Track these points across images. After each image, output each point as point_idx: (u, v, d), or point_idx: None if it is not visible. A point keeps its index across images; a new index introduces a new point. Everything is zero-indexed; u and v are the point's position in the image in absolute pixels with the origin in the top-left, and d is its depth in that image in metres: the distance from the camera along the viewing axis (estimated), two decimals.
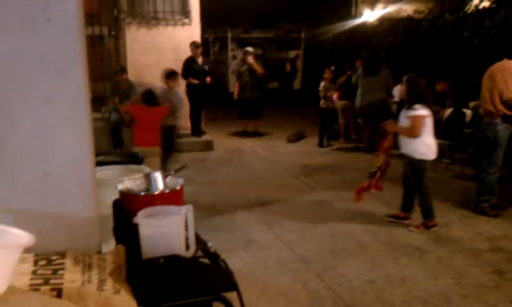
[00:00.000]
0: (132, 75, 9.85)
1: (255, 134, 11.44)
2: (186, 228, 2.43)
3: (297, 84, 17.47)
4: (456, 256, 4.86)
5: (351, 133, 10.55)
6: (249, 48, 11.67)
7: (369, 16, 16.71)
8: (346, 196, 6.78)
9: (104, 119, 9.43)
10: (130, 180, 2.78)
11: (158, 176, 2.70)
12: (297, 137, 11.04)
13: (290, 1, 20.33)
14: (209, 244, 2.51)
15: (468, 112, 8.14)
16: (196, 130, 10.28)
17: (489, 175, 5.92)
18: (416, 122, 5.29)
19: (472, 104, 8.54)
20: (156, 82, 10.39)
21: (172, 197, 2.59)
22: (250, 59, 11.19)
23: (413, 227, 5.59)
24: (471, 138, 8.03)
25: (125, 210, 2.59)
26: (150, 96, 6.97)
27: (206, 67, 10.53)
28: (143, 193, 2.60)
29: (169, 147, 7.33)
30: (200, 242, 2.56)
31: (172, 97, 7.55)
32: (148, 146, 6.52)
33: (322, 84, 10.35)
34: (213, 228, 5.66)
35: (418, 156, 5.42)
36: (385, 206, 6.29)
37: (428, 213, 5.56)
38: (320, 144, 10.30)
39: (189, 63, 10.15)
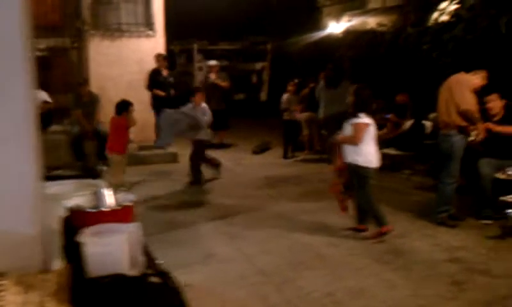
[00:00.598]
0: (95, 87, 9.74)
1: (221, 146, 11.39)
2: (135, 246, 2.40)
3: (263, 96, 17.53)
4: (413, 267, 4.91)
5: (315, 144, 10.62)
6: (213, 62, 11.66)
7: (334, 28, 16.91)
8: (309, 207, 6.85)
9: (66, 132, 9.29)
10: (80, 196, 2.75)
11: (108, 192, 2.67)
12: (262, 149, 11.07)
13: (257, 13, 20.43)
14: (159, 261, 2.48)
15: (428, 124, 8.28)
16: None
17: (447, 186, 6.02)
18: (358, 129, 5.46)
19: (431, 116, 8.70)
20: (120, 94, 10.35)
21: (122, 214, 2.56)
22: (212, 76, 11.23)
23: (370, 237, 5.64)
24: (431, 149, 8.18)
25: (74, 227, 2.55)
26: (118, 106, 7.45)
27: (171, 79, 10.48)
28: (91, 210, 2.57)
29: (198, 159, 8.22)
30: (150, 260, 2.52)
31: (197, 112, 8.11)
32: (112, 153, 7.27)
33: (285, 96, 10.43)
34: (174, 241, 5.61)
35: (361, 164, 5.53)
36: (350, 218, 6.31)
37: (379, 221, 5.63)
38: (285, 156, 10.34)
39: (154, 75, 10.09)
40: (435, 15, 9.40)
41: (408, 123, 8.37)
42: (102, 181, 4.51)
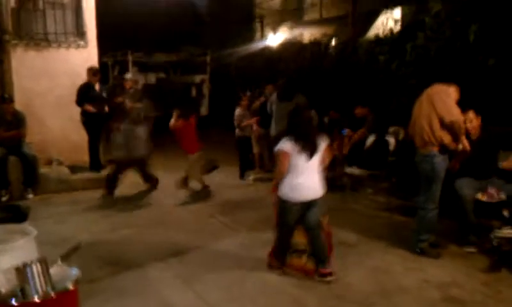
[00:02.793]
0: (20, 103, 8.62)
1: None
2: None
3: (204, 110, 16.70)
4: None
5: (266, 163, 9.88)
6: (128, 75, 10.52)
7: (272, 40, 16.42)
8: (268, 237, 6.05)
9: None
10: None
11: (38, 269, 1.79)
12: (210, 168, 10.18)
13: (194, 24, 19.71)
14: None
15: (392, 140, 7.73)
16: (95, 165, 9.13)
17: (429, 212, 5.39)
18: (278, 158, 4.85)
19: (391, 129, 8.19)
20: (48, 111, 9.26)
21: (62, 305, 1.69)
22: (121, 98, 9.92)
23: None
24: (395, 167, 7.64)
25: None
26: (186, 112, 8.36)
27: (104, 93, 9.42)
28: (15, 301, 1.68)
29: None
30: None
31: None
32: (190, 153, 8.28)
33: (238, 111, 9.64)
34: (120, 289, 4.68)
35: (279, 194, 4.93)
36: None
37: (279, 252, 5.10)
38: (242, 176, 9.59)
39: (85, 89, 9.02)
40: (390, 25, 8.95)
41: (370, 140, 7.77)
42: (29, 227, 3.58)
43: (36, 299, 1.65)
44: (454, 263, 5.28)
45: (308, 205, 4.87)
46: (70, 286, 1.77)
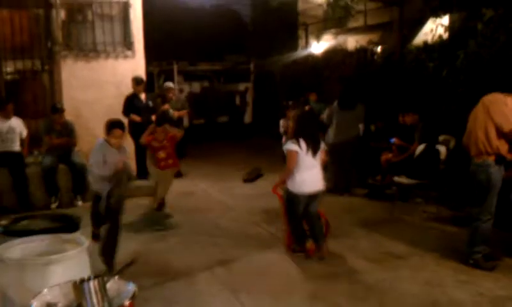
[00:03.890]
0: (69, 112, 8.78)
1: (177, 175, 10.21)
2: None
3: (247, 118, 16.75)
4: None
5: None
6: (169, 84, 10.66)
7: (316, 47, 16.33)
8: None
9: (37, 163, 8.30)
10: (52, 289, 1.86)
11: (95, 285, 1.77)
12: (254, 176, 10.17)
13: (237, 33, 19.83)
14: None
15: (443, 149, 7.52)
16: (142, 173, 9.23)
17: (483, 223, 5.19)
18: (289, 157, 5.54)
19: (441, 138, 7.98)
20: (97, 121, 9.41)
21: None
22: (166, 106, 9.98)
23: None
24: (446, 176, 7.44)
25: None
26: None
27: (150, 103, 9.56)
28: None
29: None
30: None
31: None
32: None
33: (283, 121, 9.62)
34: (167, 299, 4.68)
35: (288, 188, 5.63)
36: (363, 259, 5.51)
37: (298, 240, 5.79)
38: None
39: (131, 100, 9.18)
40: (439, 31, 8.72)
41: (420, 148, 7.57)
42: (81, 237, 3.62)
43: None
44: (510, 276, 5.07)
45: (313, 196, 5.60)
46: (127, 303, 1.75)
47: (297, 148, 5.48)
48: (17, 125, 8.21)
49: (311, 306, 4.56)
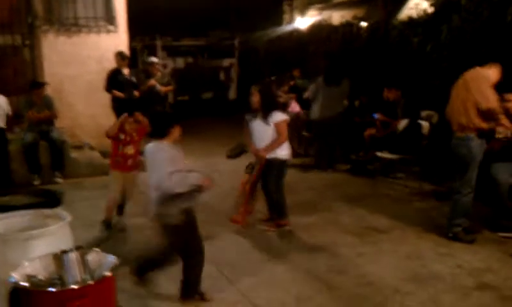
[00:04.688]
0: (50, 88, 8.70)
1: None
2: None
3: (232, 94, 16.69)
4: (442, 300, 4.14)
5: (294, 146, 9.79)
6: (154, 59, 10.54)
7: (301, 23, 16.24)
8: (302, 221, 6.04)
9: (18, 140, 8.21)
10: (32, 262, 1.85)
11: (75, 256, 1.77)
12: (238, 152, 10.14)
13: (221, 8, 19.63)
14: None
15: (425, 124, 7.57)
16: None
17: (464, 196, 5.27)
18: (283, 127, 5.61)
19: (424, 113, 8.03)
20: (79, 96, 9.34)
21: (98, 293, 1.67)
22: (152, 81, 9.89)
23: (267, 229, 5.81)
24: (429, 151, 7.50)
25: None
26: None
27: (133, 79, 9.44)
28: (52, 289, 1.67)
29: None
30: None
31: None
32: None
33: None
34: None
35: (282, 157, 5.69)
36: (344, 233, 5.56)
37: (282, 213, 5.82)
38: None
39: (114, 75, 9.05)
40: (423, 5, 8.70)
41: (403, 124, 7.62)
42: (64, 212, 3.61)
43: (74, 287, 1.64)
44: (488, 248, 5.17)
45: None
46: (108, 273, 1.76)
47: (285, 115, 5.73)
48: (3, 101, 8.04)
49: (293, 278, 4.61)
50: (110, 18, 9.53)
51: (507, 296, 4.20)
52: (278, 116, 5.61)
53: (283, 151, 5.69)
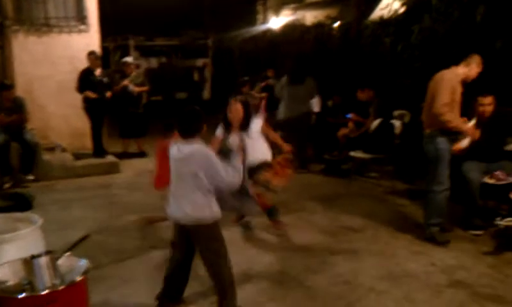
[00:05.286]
0: (21, 89, 8.57)
1: (141, 155, 10.03)
2: None
3: (206, 94, 16.66)
4: (416, 298, 4.18)
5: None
6: (128, 59, 10.46)
7: (274, 23, 16.29)
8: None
9: None
10: (2, 267, 1.81)
11: (45, 261, 1.74)
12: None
13: (195, 8, 19.57)
14: None
15: (397, 123, 7.66)
16: (99, 151, 9.08)
17: (437, 194, 5.28)
18: (267, 127, 5.74)
19: (396, 113, 8.13)
20: (50, 97, 9.20)
21: (69, 297, 1.65)
22: (126, 81, 9.85)
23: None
24: (402, 150, 7.59)
25: None
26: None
27: (105, 79, 9.25)
28: (22, 294, 1.63)
29: None
30: None
31: None
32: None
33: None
34: (125, 276, 4.65)
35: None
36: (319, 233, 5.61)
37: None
38: None
39: (86, 75, 8.88)
40: (395, 5, 8.79)
41: (375, 123, 7.69)
42: (35, 215, 3.55)
43: (44, 292, 1.60)
44: (461, 246, 5.24)
45: None
46: (78, 278, 1.73)
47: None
48: None
49: (267, 277, 4.61)
50: (81, 18, 9.40)
51: (479, 293, 4.26)
52: (258, 122, 5.51)
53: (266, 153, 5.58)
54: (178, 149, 3.68)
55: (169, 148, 3.78)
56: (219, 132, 5.44)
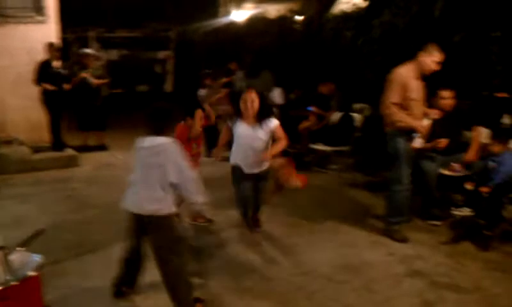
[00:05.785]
0: None
1: (101, 148, 9.96)
2: None
3: (168, 87, 16.51)
4: (374, 287, 4.27)
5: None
6: (87, 50, 10.27)
7: (238, 15, 16.25)
8: (236, 215, 6.02)
9: None
10: None
11: None
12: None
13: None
14: None
15: (358, 117, 7.76)
16: (57, 144, 8.90)
17: (395, 193, 5.28)
18: (282, 131, 5.29)
19: (357, 106, 8.23)
20: (7, 89, 8.98)
21: (23, 293, 1.62)
22: (85, 74, 9.68)
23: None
24: (362, 143, 7.70)
25: None
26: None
27: (64, 71, 9.04)
28: None
29: None
30: None
31: None
32: None
33: (202, 91, 9.44)
34: (84, 271, 4.59)
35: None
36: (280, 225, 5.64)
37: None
38: (209, 154, 9.39)
39: (44, 67, 8.68)
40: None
41: (336, 116, 7.77)
42: None
43: None
44: (418, 236, 5.37)
45: None
46: (31, 273, 1.70)
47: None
48: None
49: (228, 270, 4.62)
50: (39, 9, 9.18)
51: (437, 282, 4.38)
52: (275, 121, 5.23)
53: None
54: (148, 140, 3.71)
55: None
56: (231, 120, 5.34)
